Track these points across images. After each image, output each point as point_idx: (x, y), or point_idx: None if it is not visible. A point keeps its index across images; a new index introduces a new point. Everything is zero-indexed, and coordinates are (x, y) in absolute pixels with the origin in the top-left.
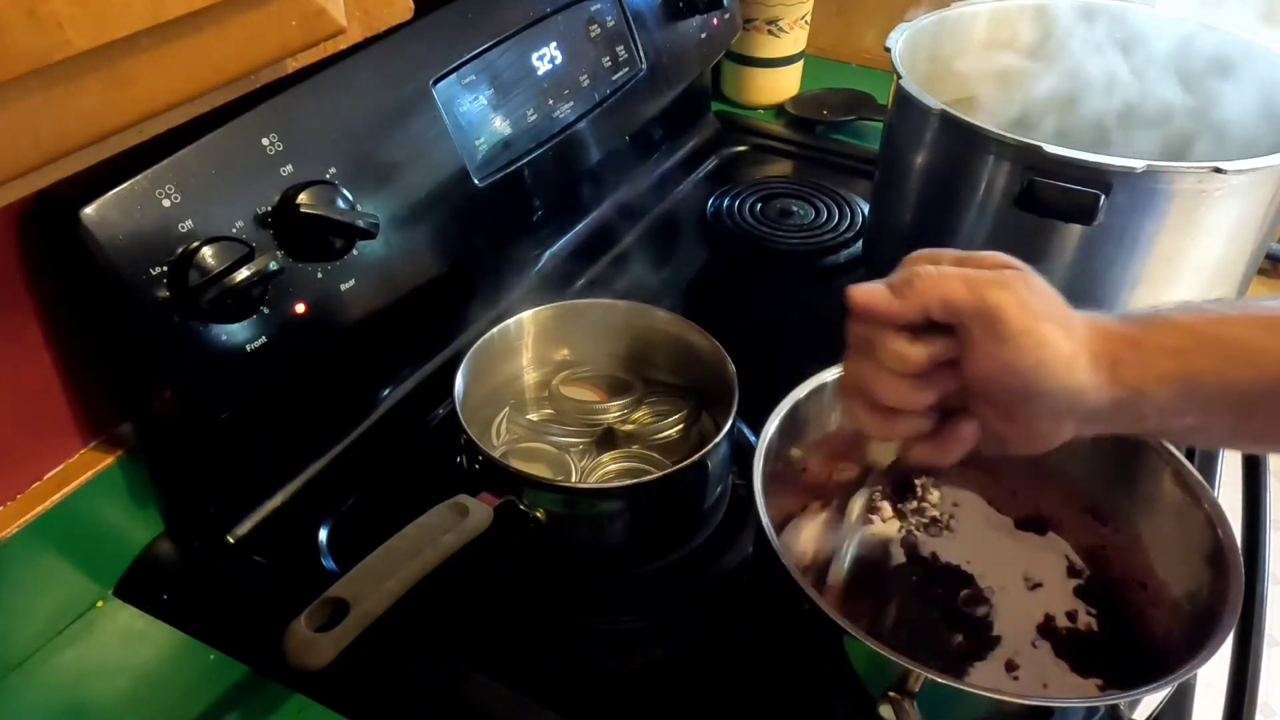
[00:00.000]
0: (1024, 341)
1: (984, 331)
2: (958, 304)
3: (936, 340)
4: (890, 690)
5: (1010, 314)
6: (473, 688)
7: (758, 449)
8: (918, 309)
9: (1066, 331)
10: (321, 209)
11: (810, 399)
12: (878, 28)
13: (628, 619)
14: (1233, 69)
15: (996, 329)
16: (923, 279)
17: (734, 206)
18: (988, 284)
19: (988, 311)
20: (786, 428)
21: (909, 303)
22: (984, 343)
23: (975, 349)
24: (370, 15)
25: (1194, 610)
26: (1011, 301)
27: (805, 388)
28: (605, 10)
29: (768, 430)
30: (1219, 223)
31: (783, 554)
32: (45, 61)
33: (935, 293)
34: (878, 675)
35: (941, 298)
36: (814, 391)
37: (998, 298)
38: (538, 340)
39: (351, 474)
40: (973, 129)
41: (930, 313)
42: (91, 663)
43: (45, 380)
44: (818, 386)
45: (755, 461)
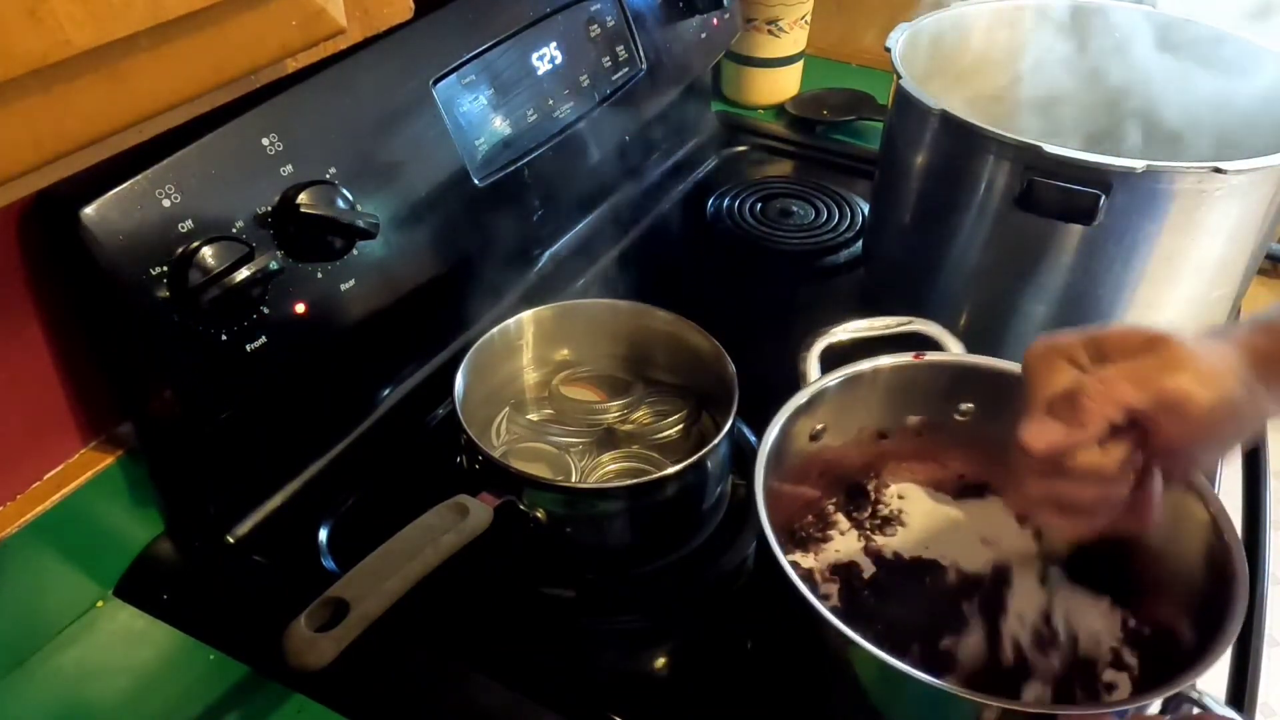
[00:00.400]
0: (1218, 415)
1: (1171, 418)
2: (1139, 407)
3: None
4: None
5: (1195, 396)
6: (473, 688)
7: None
8: (1100, 428)
9: (1239, 378)
10: (321, 209)
11: (811, 404)
12: (878, 28)
13: (628, 619)
14: (1231, 68)
15: (1184, 413)
16: (1092, 397)
17: (734, 206)
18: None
19: (1171, 403)
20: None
21: (1090, 427)
22: (1174, 427)
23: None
24: (370, 15)
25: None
26: (1193, 384)
27: (805, 394)
28: (605, 10)
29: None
30: (1219, 223)
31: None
32: (45, 61)
33: (1111, 407)
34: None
35: (1120, 408)
36: (815, 396)
37: (1175, 384)
38: (538, 340)
39: (351, 474)
40: (973, 129)
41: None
42: (91, 663)
43: (45, 380)
44: (819, 391)
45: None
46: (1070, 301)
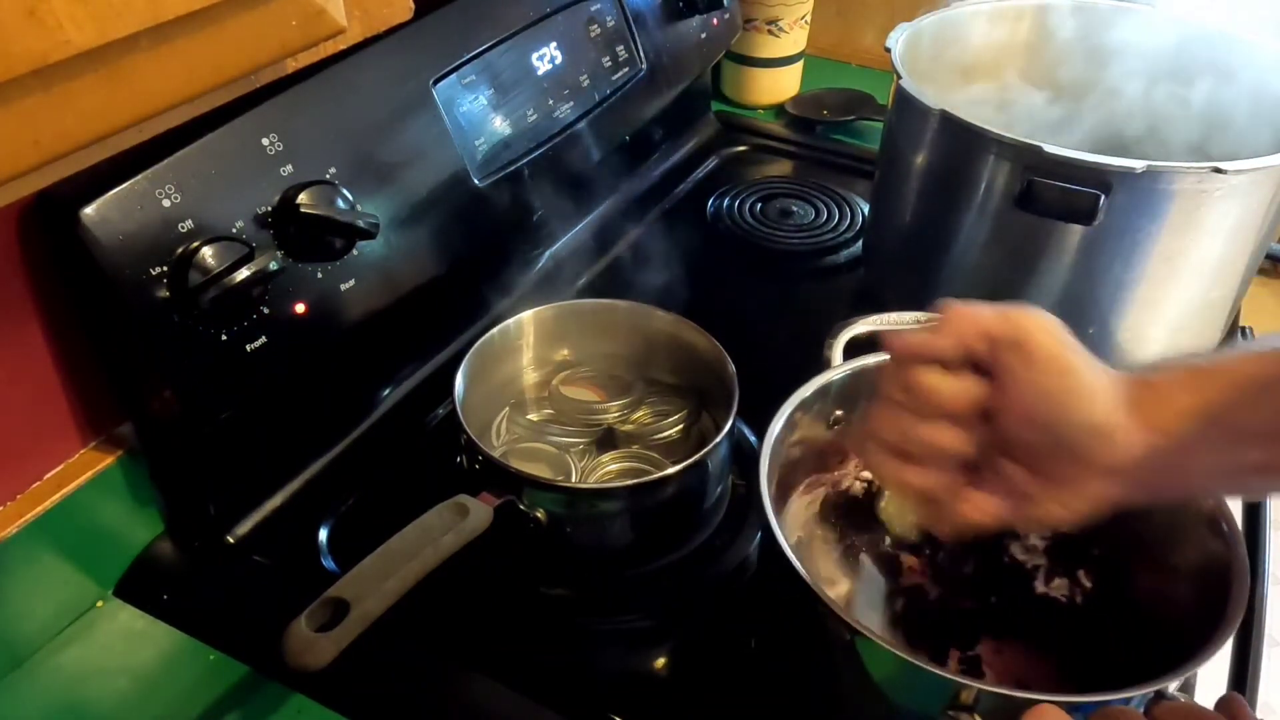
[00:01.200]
0: (1052, 366)
1: (1016, 357)
2: (993, 331)
3: (970, 380)
4: (949, 709)
5: (1041, 338)
6: (473, 688)
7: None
8: (954, 340)
9: (1090, 367)
10: (321, 209)
11: (814, 398)
12: (878, 28)
13: (628, 619)
14: (1230, 69)
15: (1028, 352)
16: (958, 313)
17: (734, 206)
18: (1020, 313)
19: (1020, 336)
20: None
21: (946, 337)
22: (1015, 368)
23: (1007, 377)
24: (370, 15)
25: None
26: (1044, 327)
27: (810, 387)
28: (605, 10)
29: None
30: (1219, 223)
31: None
32: (45, 61)
33: (971, 323)
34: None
35: (977, 326)
36: (818, 391)
37: (1030, 323)
38: (538, 340)
39: (351, 474)
40: (973, 129)
41: (966, 342)
42: (91, 663)
43: (45, 380)
44: (823, 386)
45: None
46: (1070, 301)
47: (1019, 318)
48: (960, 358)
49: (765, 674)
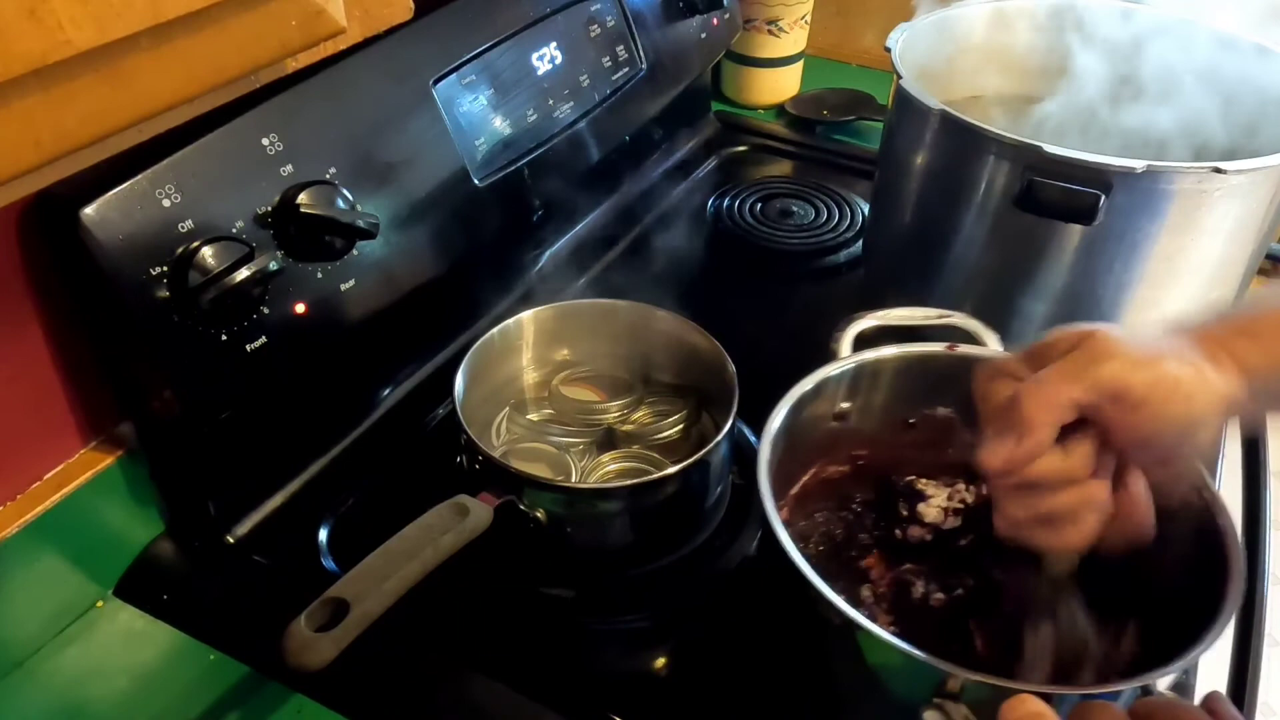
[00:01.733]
0: (1159, 392)
1: (1117, 408)
2: (1080, 403)
3: (1080, 438)
4: (934, 696)
5: (1131, 379)
6: (473, 688)
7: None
8: (1048, 430)
9: (1179, 358)
10: (321, 209)
11: (816, 391)
12: (878, 28)
13: (628, 619)
14: (1231, 68)
15: (1127, 399)
16: (1026, 401)
17: (734, 206)
18: (1088, 365)
19: (1109, 389)
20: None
21: (1037, 430)
22: (1123, 417)
23: (1116, 426)
24: (370, 15)
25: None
26: (1122, 368)
27: (810, 381)
28: (605, 10)
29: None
30: (1219, 223)
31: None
32: (45, 61)
33: (1049, 404)
34: (915, 680)
35: (1058, 404)
36: (818, 385)
37: (1109, 372)
38: (538, 340)
39: (351, 474)
40: (973, 129)
41: (1057, 426)
42: (91, 663)
43: (45, 380)
44: (821, 381)
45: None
46: (1070, 301)
47: (1093, 373)
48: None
49: (765, 674)
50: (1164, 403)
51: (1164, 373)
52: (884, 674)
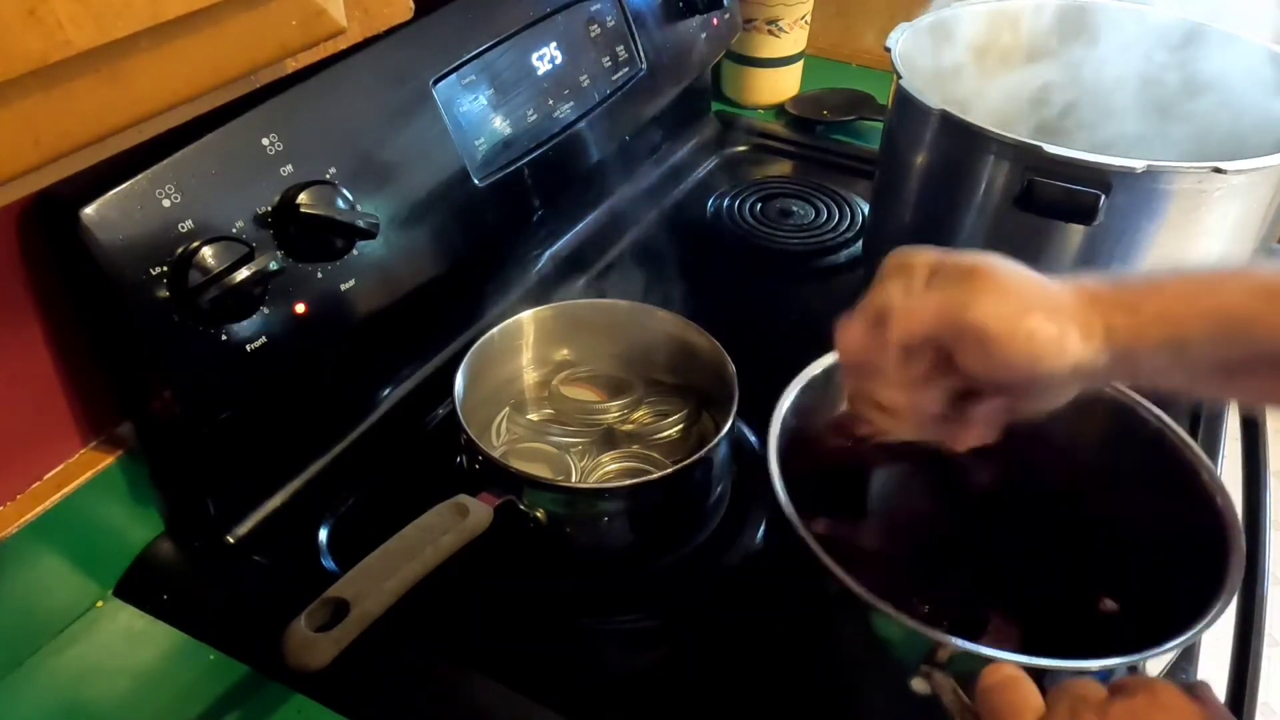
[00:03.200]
0: (1011, 345)
1: (971, 346)
2: (937, 333)
3: (926, 353)
4: (923, 664)
5: (990, 325)
6: (473, 688)
7: (771, 426)
8: (900, 347)
9: (1050, 314)
10: (321, 209)
11: (824, 377)
12: (878, 28)
13: (628, 619)
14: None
15: (981, 343)
16: (896, 316)
17: (734, 206)
18: (959, 306)
19: (967, 332)
20: (800, 407)
21: (891, 345)
22: (973, 354)
23: (967, 359)
24: (370, 15)
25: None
26: (988, 313)
27: (819, 365)
28: (605, 10)
29: (782, 406)
30: (1219, 223)
31: (806, 534)
32: (45, 61)
33: (911, 328)
34: (906, 649)
35: (919, 331)
36: (829, 370)
37: (972, 316)
38: (538, 340)
39: (351, 474)
40: (973, 129)
41: (911, 345)
42: (91, 663)
43: (45, 380)
44: (830, 366)
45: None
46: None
47: (958, 311)
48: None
49: (765, 673)
50: (1012, 354)
51: (1022, 327)
52: (883, 644)
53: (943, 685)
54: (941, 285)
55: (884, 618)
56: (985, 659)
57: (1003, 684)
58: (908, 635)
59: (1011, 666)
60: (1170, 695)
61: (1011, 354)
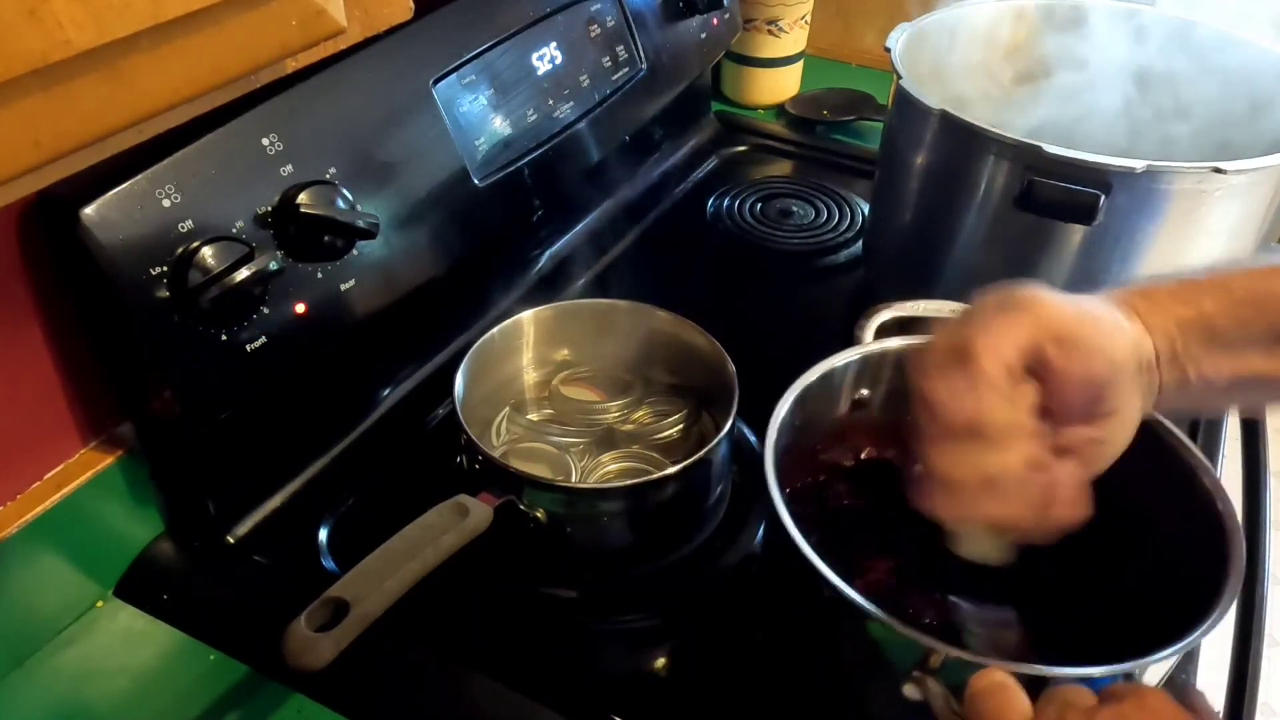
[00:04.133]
0: (1087, 329)
1: (1058, 349)
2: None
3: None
4: (914, 670)
5: (1066, 318)
6: (473, 688)
7: (768, 434)
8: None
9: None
10: (321, 209)
11: (820, 383)
12: (878, 28)
13: (628, 619)
14: (1231, 68)
15: (1066, 339)
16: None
17: (734, 206)
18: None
19: (1050, 331)
20: (797, 411)
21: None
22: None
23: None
24: (370, 15)
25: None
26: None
27: (815, 372)
28: (605, 10)
29: (780, 410)
30: (1219, 223)
31: (800, 539)
32: (45, 61)
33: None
34: (900, 655)
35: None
36: (824, 376)
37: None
38: (538, 340)
39: (351, 474)
40: (973, 129)
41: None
42: (91, 663)
43: (45, 380)
44: (827, 372)
45: (766, 447)
46: None
47: (1036, 312)
48: None
49: (765, 673)
50: (1092, 338)
51: (1088, 310)
52: (877, 649)
53: (934, 692)
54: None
55: (877, 623)
56: (977, 666)
57: (991, 689)
58: (901, 641)
59: (1000, 672)
60: (1159, 701)
61: (1092, 340)
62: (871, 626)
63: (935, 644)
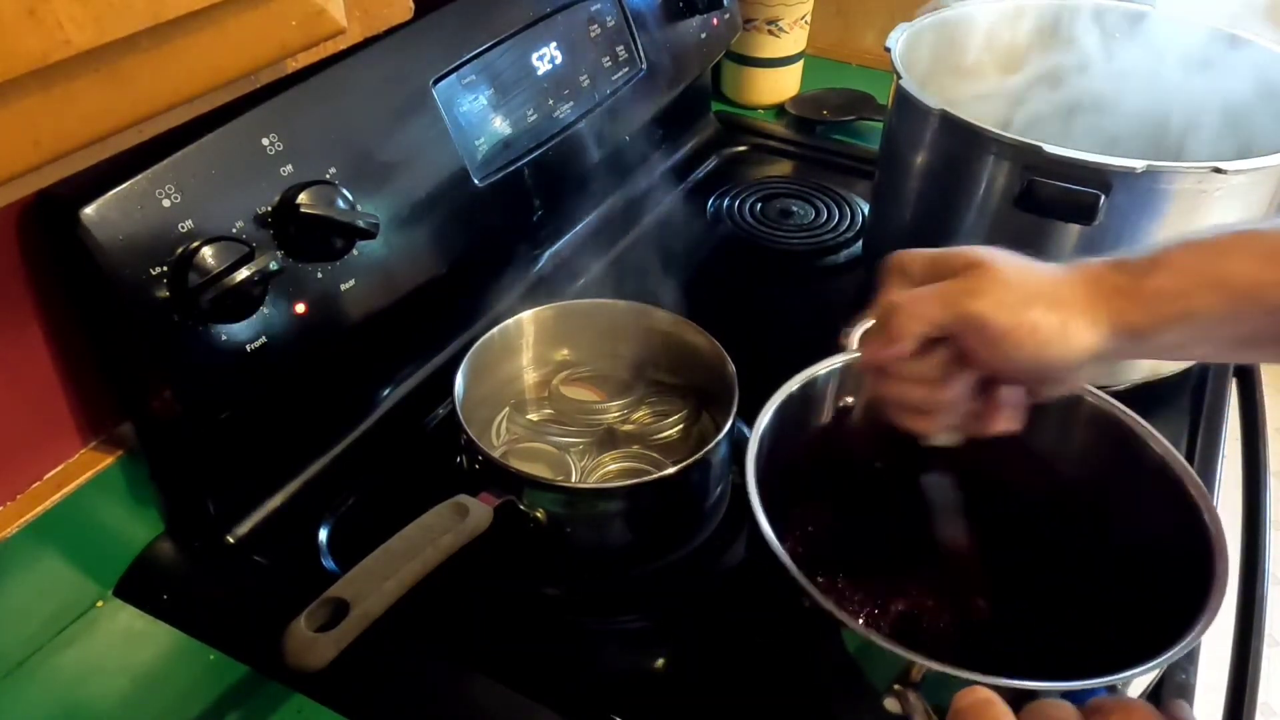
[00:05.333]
0: (1015, 336)
1: (975, 338)
2: (941, 325)
3: (939, 349)
4: (895, 683)
5: (991, 318)
6: (473, 688)
7: (750, 443)
8: (909, 342)
9: (1052, 304)
10: (321, 209)
11: (803, 391)
12: (878, 28)
13: (627, 619)
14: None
15: (984, 335)
16: (899, 313)
17: (734, 206)
18: (960, 295)
19: (970, 323)
20: (780, 420)
21: (899, 342)
22: (979, 347)
23: (973, 352)
24: (370, 15)
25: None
26: (989, 305)
27: (797, 381)
28: (605, 10)
29: (761, 422)
30: (1219, 223)
31: (780, 551)
32: (45, 61)
33: (916, 323)
34: (880, 667)
35: (924, 325)
36: (806, 384)
37: (974, 307)
38: (538, 340)
39: (351, 474)
40: (973, 129)
41: (919, 339)
42: (91, 663)
43: (45, 380)
44: (809, 380)
45: (748, 455)
46: None
47: (960, 302)
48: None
49: (765, 673)
50: (1017, 345)
51: (1025, 319)
52: (857, 662)
53: (915, 706)
54: (941, 279)
55: (856, 636)
56: (958, 679)
57: (975, 706)
58: (881, 654)
59: (984, 689)
60: (1144, 714)
61: (1016, 347)
62: (850, 640)
63: (916, 658)
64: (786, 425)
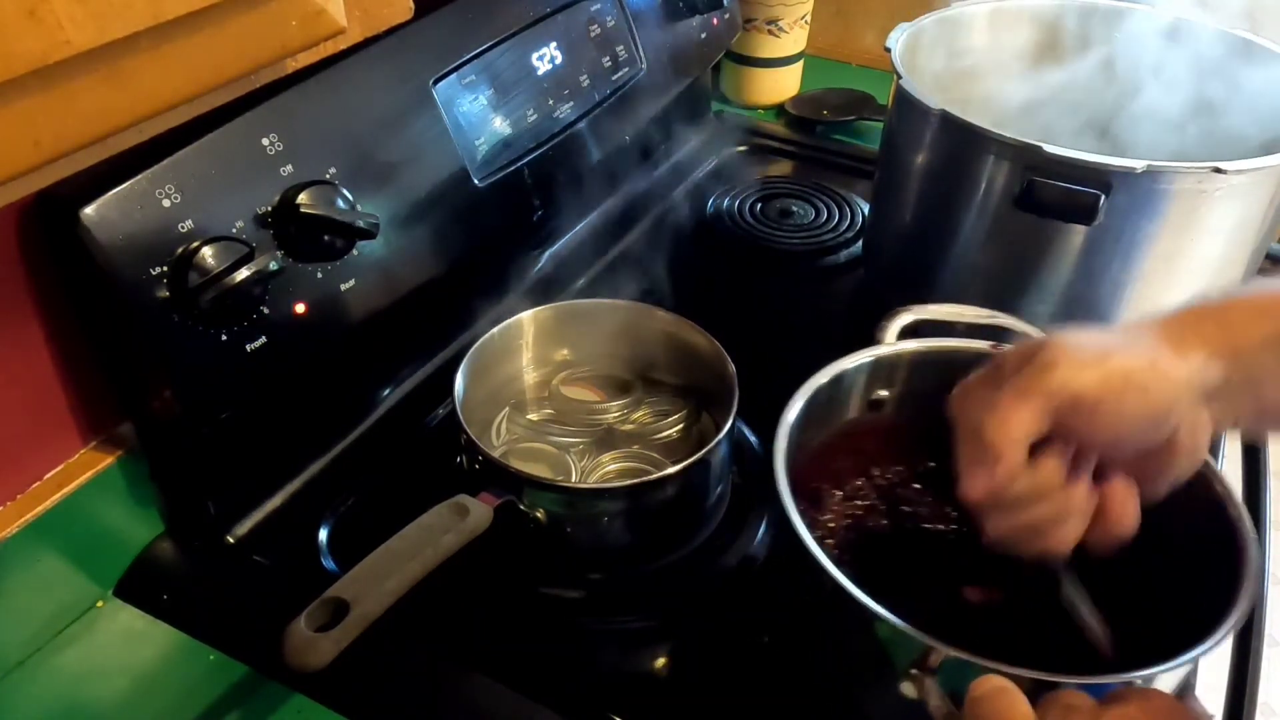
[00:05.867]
0: (1110, 392)
1: (1072, 414)
2: (1038, 418)
3: (1045, 451)
4: (913, 668)
5: (1080, 384)
6: (473, 688)
7: (779, 431)
8: (1016, 458)
9: (1130, 348)
10: (321, 209)
11: (832, 384)
12: (878, 28)
13: (628, 619)
14: (1232, 67)
15: (1080, 405)
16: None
17: (734, 206)
18: (1037, 379)
19: (1062, 401)
20: (809, 409)
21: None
22: (1081, 423)
23: (1078, 432)
24: (370, 15)
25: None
26: (1070, 373)
27: (827, 373)
28: (605, 10)
29: (790, 411)
30: (1219, 223)
31: (806, 535)
32: (45, 61)
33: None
34: (899, 652)
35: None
36: (835, 378)
37: (1058, 381)
38: (538, 340)
39: (351, 474)
40: (973, 129)
41: (1023, 445)
42: (91, 663)
43: (45, 380)
44: (838, 374)
45: (777, 444)
46: (1070, 301)
47: (1041, 383)
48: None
49: (764, 674)
50: (1118, 399)
51: (1111, 369)
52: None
53: (931, 691)
54: (1014, 376)
55: (878, 619)
56: (976, 665)
57: (992, 694)
58: (900, 638)
59: (1000, 678)
60: (1165, 703)
61: (1118, 402)
62: (876, 625)
63: (935, 643)
64: (814, 417)
